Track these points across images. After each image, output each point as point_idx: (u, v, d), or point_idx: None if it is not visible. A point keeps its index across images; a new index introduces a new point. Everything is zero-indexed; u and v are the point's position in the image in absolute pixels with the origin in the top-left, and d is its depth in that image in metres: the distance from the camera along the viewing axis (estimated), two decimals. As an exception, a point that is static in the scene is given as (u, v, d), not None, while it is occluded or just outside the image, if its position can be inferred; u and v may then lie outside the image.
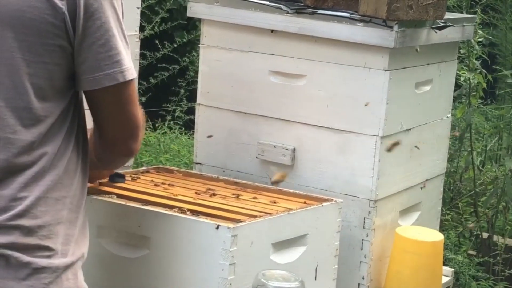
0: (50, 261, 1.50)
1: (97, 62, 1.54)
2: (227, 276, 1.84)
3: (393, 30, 2.30)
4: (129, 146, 1.66)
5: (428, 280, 2.41)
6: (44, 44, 1.51)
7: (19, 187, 1.49)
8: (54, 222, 1.52)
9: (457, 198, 4.36)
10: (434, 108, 2.64)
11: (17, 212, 1.47)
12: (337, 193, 2.36)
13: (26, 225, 1.47)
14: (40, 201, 1.50)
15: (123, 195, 2.06)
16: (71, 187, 1.56)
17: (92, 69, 1.54)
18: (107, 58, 1.54)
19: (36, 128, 1.51)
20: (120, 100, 1.60)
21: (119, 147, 1.67)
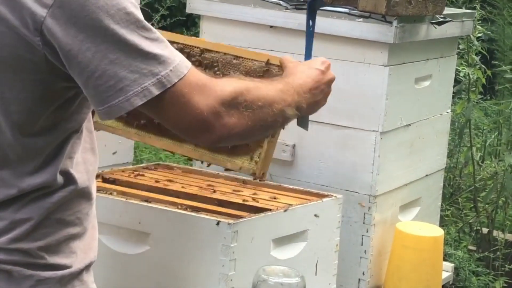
0: (54, 272, 1.46)
1: (99, 95, 1.39)
2: (227, 272, 1.84)
3: (392, 26, 2.30)
4: (207, 139, 1.50)
5: (428, 275, 2.42)
6: (23, 79, 1.39)
7: (19, 209, 1.43)
8: (56, 242, 1.46)
9: (457, 193, 4.36)
10: (433, 104, 2.64)
11: (17, 235, 1.42)
12: (337, 189, 2.37)
13: (26, 248, 1.42)
14: (41, 223, 1.44)
15: (123, 192, 2.06)
16: (74, 205, 1.49)
17: (98, 103, 1.40)
18: (108, 89, 1.38)
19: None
20: (157, 115, 1.46)
21: (198, 141, 1.63)
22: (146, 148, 4.60)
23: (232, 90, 1.47)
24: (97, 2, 1.35)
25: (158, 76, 1.39)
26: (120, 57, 1.37)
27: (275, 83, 1.59)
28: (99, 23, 1.36)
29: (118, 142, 2.50)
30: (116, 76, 1.37)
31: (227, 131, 1.47)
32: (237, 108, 1.47)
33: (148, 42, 1.40)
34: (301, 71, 1.69)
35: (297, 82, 1.63)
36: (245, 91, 1.49)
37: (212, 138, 1.48)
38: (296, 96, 1.60)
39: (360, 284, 2.41)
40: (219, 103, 1.44)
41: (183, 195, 2.08)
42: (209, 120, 1.45)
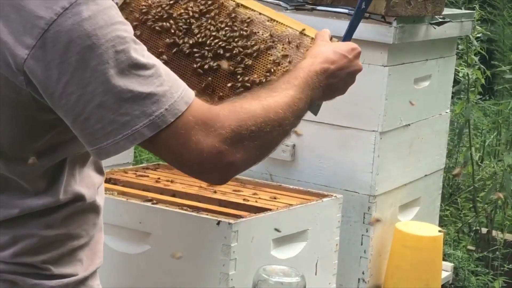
0: (60, 281, 1.43)
1: (87, 136, 1.32)
2: (228, 271, 1.84)
3: (391, 26, 2.30)
4: (211, 180, 1.43)
5: (428, 275, 2.42)
6: (12, 116, 1.33)
7: (21, 225, 1.39)
8: (61, 254, 1.43)
9: (456, 193, 4.37)
10: (433, 104, 2.65)
11: (20, 250, 1.39)
12: (337, 189, 2.37)
13: (29, 262, 1.39)
14: (45, 238, 1.40)
15: (124, 192, 2.07)
16: (81, 219, 1.45)
17: (86, 143, 1.33)
18: (96, 132, 1.31)
19: None
20: (155, 154, 1.40)
21: (204, 181, 1.55)
22: (145, 149, 4.59)
23: (235, 124, 1.36)
24: (84, 42, 1.27)
25: (151, 116, 1.30)
26: (109, 100, 1.29)
27: (286, 88, 1.47)
28: (85, 64, 1.28)
29: (119, 142, 2.50)
30: (104, 119, 1.29)
31: (234, 170, 1.39)
32: (241, 142, 1.36)
33: (141, 80, 1.30)
34: (323, 55, 1.56)
35: (314, 69, 1.52)
36: (249, 120, 1.37)
37: (217, 178, 1.41)
38: (309, 91, 1.50)
39: (360, 284, 2.42)
40: (221, 142, 1.34)
41: (183, 195, 2.09)
42: (209, 161, 1.34)
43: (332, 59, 1.56)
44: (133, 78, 1.30)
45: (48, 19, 1.28)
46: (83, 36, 1.27)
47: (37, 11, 1.28)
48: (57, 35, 1.27)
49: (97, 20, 1.28)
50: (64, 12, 1.28)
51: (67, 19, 1.27)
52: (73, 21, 1.27)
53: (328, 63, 1.55)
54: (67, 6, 1.28)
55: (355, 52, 1.60)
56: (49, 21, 1.28)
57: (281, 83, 1.49)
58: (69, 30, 1.27)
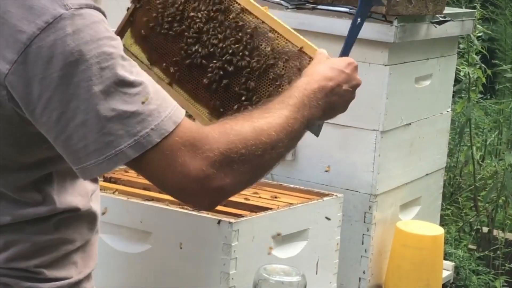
0: (53, 284, 1.41)
1: (70, 155, 1.28)
2: (228, 270, 1.84)
3: (392, 25, 2.30)
4: (199, 204, 1.39)
5: (429, 274, 2.42)
6: None
7: (14, 231, 1.37)
8: (55, 258, 1.41)
9: (457, 192, 4.36)
10: (434, 103, 2.65)
11: (12, 255, 1.37)
12: (338, 188, 2.37)
13: (23, 266, 1.38)
14: (38, 243, 1.38)
15: (124, 191, 2.06)
16: (75, 226, 1.43)
17: (70, 162, 1.29)
18: (78, 151, 1.27)
19: None
20: (140, 174, 1.35)
21: (191, 206, 1.48)
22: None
23: (224, 146, 1.31)
24: (66, 58, 1.24)
25: (136, 136, 1.26)
26: (91, 119, 1.25)
27: (280, 108, 1.42)
28: (68, 81, 1.24)
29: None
30: (86, 139, 1.25)
31: (222, 195, 1.35)
32: (231, 166, 1.31)
33: (126, 98, 1.26)
34: (320, 72, 1.53)
35: (311, 87, 1.48)
36: (240, 143, 1.32)
37: (204, 203, 1.36)
38: (306, 111, 1.45)
39: (361, 283, 2.41)
40: (209, 165, 1.29)
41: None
42: (195, 185, 1.29)
43: (330, 76, 1.53)
44: (118, 96, 1.25)
45: (30, 34, 1.25)
46: (66, 52, 1.24)
47: (20, 25, 1.26)
48: (39, 50, 1.24)
49: (82, 35, 1.25)
50: (48, 27, 1.25)
51: (50, 34, 1.25)
52: (56, 36, 1.24)
53: (326, 80, 1.52)
54: (50, 21, 1.25)
55: (352, 67, 1.57)
56: (31, 36, 1.25)
57: (275, 103, 1.44)
58: (51, 46, 1.24)
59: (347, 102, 1.59)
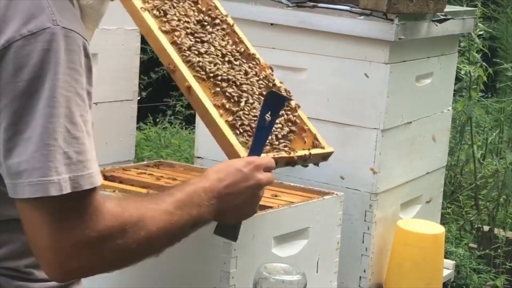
0: (42, 284, 1.42)
1: (5, 168, 1.27)
2: (229, 269, 1.84)
3: (393, 23, 2.30)
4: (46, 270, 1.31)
5: (429, 273, 2.42)
6: None
7: (2, 231, 1.37)
8: None
9: (457, 191, 4.36)
10: (434, 101, 2.65)
11: (2, 255, 1.37)
12: (338, 186, 2.37)
13: (13, 266, 1.38)
14: (25, 244, 1.36)
15: (125, 190, 2.06)
16: None
17: (4, 173, 1.29)
18: (13, 166, 1.26)
19: None
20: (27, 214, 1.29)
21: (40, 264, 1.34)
22: (147, 146, 4.60)
23: (105, 232, 1.28)
24: (37, 72, 1.24)
25: (59, 176, 1.24)
26: (35, 137, 1.24)
27: (169, 203, 1.39)
28: (28, 95, 1.24)
29: (120, 140, 2.50)
30: (24, 155, 1.24)
31: (76, 274, 1.33)
32: (100, 250, 1.29)
33: (67, 136, 1.26)
34: (215, 171, 1.51)
35: (203, 185, 1.47)
36: (119, 233, 1.30)
37: (55, 274, 1.30)
38: (195, 210, 1.43)
39: (361, 282, 2.41)
40: (81, 242, 1.27)
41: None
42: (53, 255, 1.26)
43: (223, 176, 1.51)
44: (62, 129, 1.25)
45: (10, 37, 1.25)
46: (38, 66, 1.24)
47: (5, 27, 1.26)
48: (15, 55, 1.24)
49: (59, 55, 1.25)
50: (30, 36, 1.25)
51: (29, 44, 1.24)
52: (34, 47, 1.24)
53: (219, 180, 1.50)
54: (34, 31, 1.25)
55: (251, 166, 1.55)
56: (10, 40, 1.25)
57: (166, 194, 1.42)
58: (26, 55, 1.24)
59: (251, 202, 1.56)
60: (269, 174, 1.60)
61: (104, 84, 2.43)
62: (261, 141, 1.66)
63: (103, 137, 2.46)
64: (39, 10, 1.26)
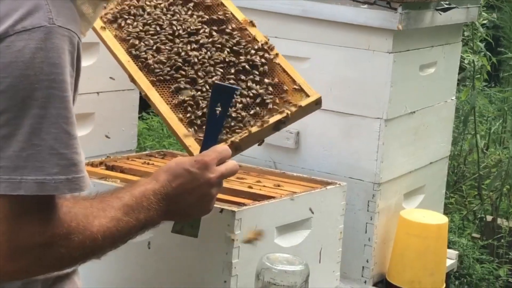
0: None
1: None
2: (231, 259, 1.84)
3: (397, 12, 2.28)
4: None
5: (433, 263, 2.41)
6: None
7: None
8: None
9: (461, 181, 4.36)
10: (438, 91, 2.63)
11: None
12: (341, 176, 2.36)
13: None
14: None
15: (127, 179, 2.05)
16: None
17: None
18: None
19: None
20: None
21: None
22: (149, 136, 4.60)
23: (54, 238, 1.27)
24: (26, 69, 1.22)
25: (48, 176, 1.23)
26: (19, 135, 1.22)
27: (116, 208, 1.38)
28: (14, 91, 1.22)
29: (122, 129, 2.50)
30: (2, 151, 1.22)
31: (20, 275, 1.31)
32: (43, 257, 1.27)
33: (63, 136, 1.24)
34: (165, 172, 1.49)
35: (152, 188, 1.44)
36: (64, 241, 1.28)
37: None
38: (143, 214, 1.41)
39: (364, 272, 2.41)
40: (34, 245, 1.25)
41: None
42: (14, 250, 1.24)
43: (170, 178, 1.48)
44: (54, 129, 1.23)
45: (3, 32, 1.23)
46: (28, 63, 1.22)
47: (1, 22, 1.24)
48: (6, 50, 1.22)
49: (51, 55, 1.23)
50: (23, 32, 1.23)
51: (22, 39, 1.23)
52: (27, 44, 1.22)
53: (168, 181, 1.48)
54: (28, 28, 1.23)
55: (199, 165, 1.51)
56: (3, 35, 1.23)
57: (115, 198, 1.40)
58: (18, 51, 1.22)
59: (201, 202, 1.54)
60: (226, 165, 1.57)
61: (105, 73, 2.42)
62: (213, 134, 1.64)
63: (104, 127, 2.45)
64: (37, 8, 1.25)
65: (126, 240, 1.43)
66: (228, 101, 1.65)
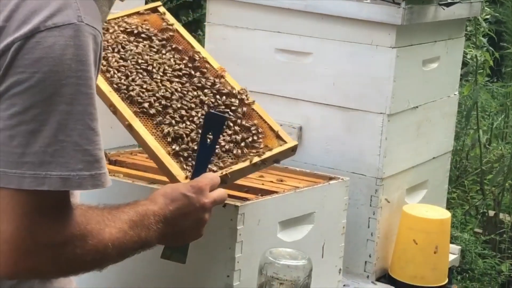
0: None
1: (2, 153, 1.25)
2: (234, 254, 1.84)
3: (400, 7, 2.28)
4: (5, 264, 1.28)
5: (435, 258, 2.41)
6: None
7: None
8: None
9: (463, 176, 4.35)
10: (441, 86, 2.63)
11: None
12: (344, 171, 2.36)
13: None
14: None
15: (129, 174, 2.06)
16: None
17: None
18: (14, 154, 1.24)
19: None
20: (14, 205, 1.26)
21: None
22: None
23: (70, 238, 1.29)
24: (55, 65, 1.23)
25: (73, 172, 1.24)
26: (44, 131, 1.24)
27: (123, 221, 1.40)
28: (42, 86, 1.23)
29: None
30: (27, 147, 1.23)
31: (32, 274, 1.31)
32: (58, 256, 1.29)
33: (88, 132, 1.26)
34: (162, 195, 1.52)
35: (152, 209, 1.48)
36: (80, 242, 1.30)
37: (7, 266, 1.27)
38: (144, 233, 1.44)
39: (367, 266, 2.41)
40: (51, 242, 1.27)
41: (189, 177, 2.08)
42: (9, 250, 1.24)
43: (167, 202, 1.51)
44: (81, 126, 1.25)
45: (34, 28, 1.24)
46: (57, 59, 1.23)
47: (32, 17, 1.25)
48: (36, 45, 1.23)
49: (80, 52, 1.25)
50: (54, 28, 1.24)
51: (52, 36, 1.24)
52: (57, 40, 1.24)
53: (166, 204, 1.51)
54: (59, 25, 1.25)
55: (195, 189, 1.56)
56: (34, 30, 1.24)
57: (121, 212, 1.43)
58: (48, 47, 1.24)
59: (195, 226, 1.58)
60: (218, 192, 1.62)
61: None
62: (204, 161, 1.69)
63: (108, 121, 2.44)
64: (66, 5, 1.27)
65: (127, 255, 1.44)
66: (219, 129, 1.70)
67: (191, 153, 1.79)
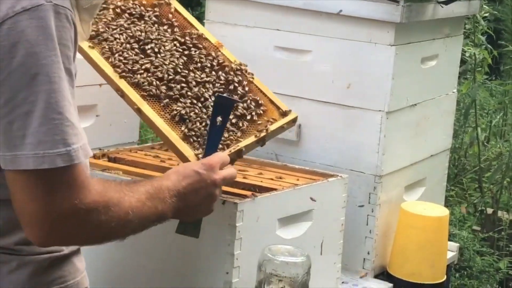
0: (39, 256, 1.43)
1: (7, 140, 1.29)
2: (233, 251, 1.84)
3: (399, 5, 2.29)
4: (28, 234, 1.34)
5: (433, 255, 2.42)
6: None
7: None
8: None
9: (461, 174, 4.36)
10: (439, 84, 2.64)
11: None
12: (343, 169, 2.37)
13: (1, 245, 1.40)
14: (10, 222, 1.38)
15: (129, 171, 2.06)
16: None
17: (4, 147, 1.30)
18: (16, 138, 1.29)
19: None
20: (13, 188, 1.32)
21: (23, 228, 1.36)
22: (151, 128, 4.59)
23: (93, 205, 1.34)
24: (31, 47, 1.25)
25: (68, 147, 1.29)
26: (37, 111, 1.27)
27: (141, 193, 1.46)
28: (24, 70, 1.27)
29: (123, 121, 2.50)
30: (26, 128, 1.27)
31: (58, 241, 1.38)
32: (84, 224, 1.34)
33: (70, 108, 1.30)
34: (174, 173, 1.59)
35: (166, 184, 1.53)
36: (104, 208, 1.35)
37: (38, 236, 1.33)
38: (161, 205, 1.49)
39: (365, 264, 2.42)
40: (72, 212, 1.32)
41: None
42: (40, 222, 1.30)
43: (180, 178, 1.57)
44: (67, 102, 1.29)
45: (4, 15, 1.26)
46: (33, 41, 1.26)
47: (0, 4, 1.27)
48: (9, 32, 1.26)
49: (52, 32, 1.27)
50: (23, 12, 1.26)
51: (23, 19, 1.26)
52: (29, 23, 1.26)
53: (178, 181, 1.57)
54: (27, 8, 1.27)
55: (206, 166, 1.63)
56: (4, 17, 1.26)
57: (138, 185, 1.48)
58: (21, 31, 1.26)
59: (207, 202, 1.64)
60: (228, 170, 1.69)
61: (108, 65, 2.42)
62: (214, 142, 1.76)
63: (107, 118, 2.45)
64: None
65: (147, 225, 1.50)
66: (228, 112, 1.78)
67: (199, 135, 1.86)
